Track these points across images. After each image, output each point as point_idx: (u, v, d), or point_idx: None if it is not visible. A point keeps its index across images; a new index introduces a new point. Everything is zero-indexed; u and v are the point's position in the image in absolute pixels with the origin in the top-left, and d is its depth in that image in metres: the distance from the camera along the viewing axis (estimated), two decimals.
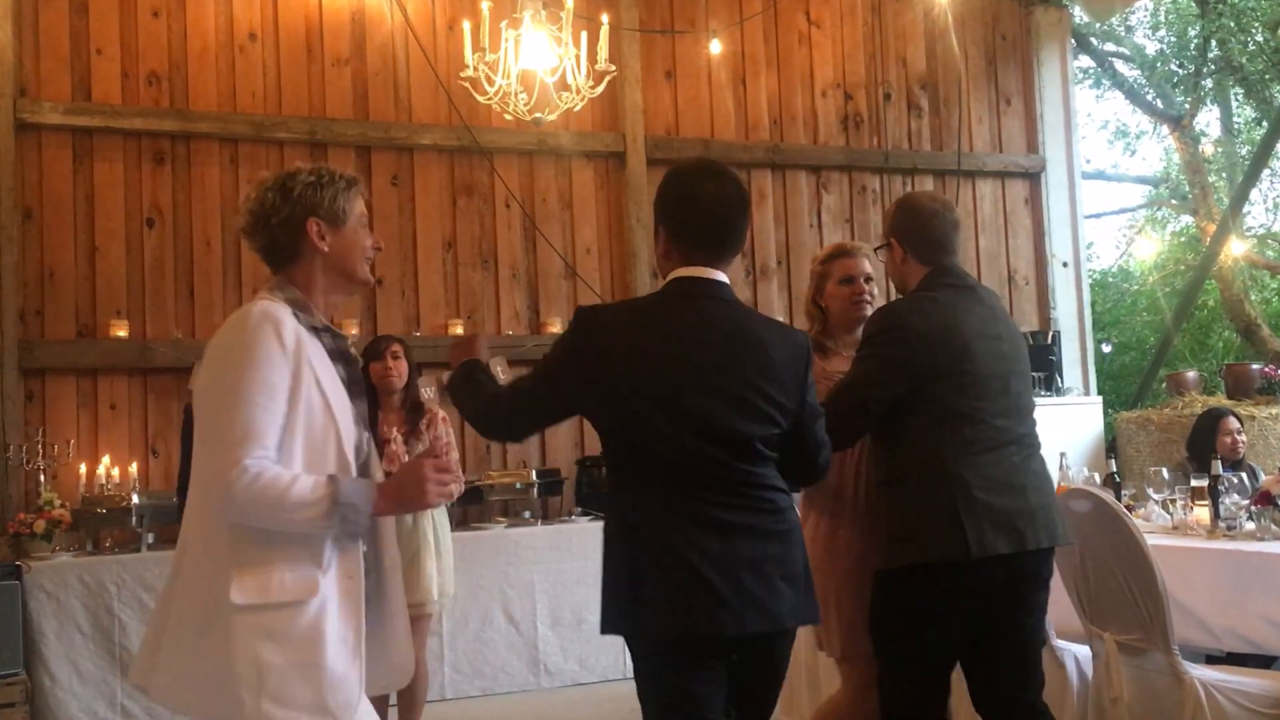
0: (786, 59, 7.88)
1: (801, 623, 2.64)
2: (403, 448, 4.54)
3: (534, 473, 6.62)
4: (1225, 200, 11.58)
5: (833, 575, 3.23)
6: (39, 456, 5.90)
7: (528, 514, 6.65)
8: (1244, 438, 5.70)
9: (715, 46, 7.42)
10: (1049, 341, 7.82)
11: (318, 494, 2.19)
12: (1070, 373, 8.15)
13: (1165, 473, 4.76)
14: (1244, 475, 4.46)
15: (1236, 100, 12.96)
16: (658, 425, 2.52)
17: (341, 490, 2.22)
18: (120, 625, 5.44)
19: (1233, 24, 10.94)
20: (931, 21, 8.10)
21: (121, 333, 6.21)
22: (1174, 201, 14.58)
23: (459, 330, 6.83)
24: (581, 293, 7.19)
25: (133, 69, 6.43)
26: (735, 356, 2.58)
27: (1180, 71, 12.28)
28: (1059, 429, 7.15)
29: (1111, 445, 7.78)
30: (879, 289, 3.54)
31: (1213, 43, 11.35)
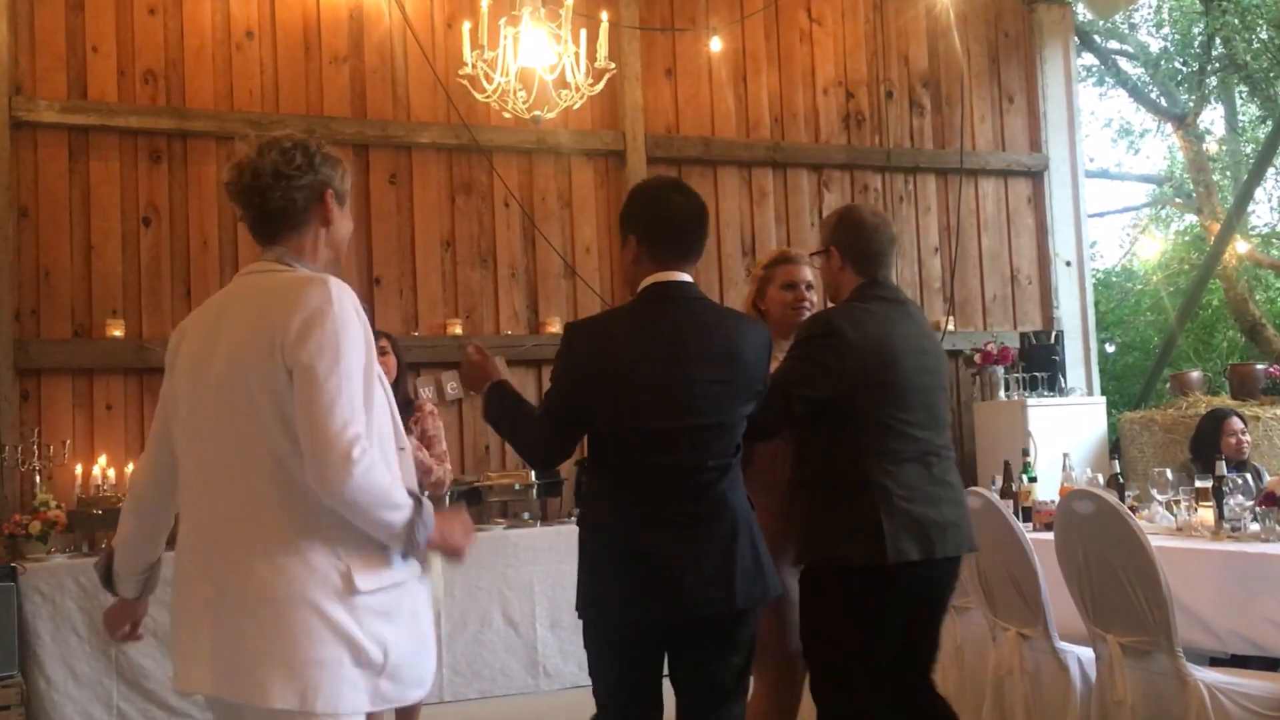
0: (788, 56, 7.84)
1: (754, 604, 2.85)
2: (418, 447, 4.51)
3: (533, 474, 6.58)
4: (1230, 199, 11.54)
5: None
6: (34, 457, 5.87)
7: (527, 515, 6.61)
8: (1248, 438, 5.68)
9: (716, 44, 7.38)
10: (1052, 341, 7.79)
11: (407, 502, 2.18)
12: (1074, 373, 8.11)
13: (1169, 474, 4.74)
14: (1248, 476, 4.45)
15: (1241, 98, 12.94)
16: (645, 424, 2.77)
17: (425, 508, 2.21)
18: None
19: (1237, 21, 10.91)
20: (934, 19, 8.06)
21: (118, 332, 6.18)
22: (1178, 200, 14.54)
23: (458, 330, 6.80)
24: (581, 292, 7.15)
25: (129, 67, 6.39)
26: (713, 350, 2.82)
27: (1184, 69, 12.25)
28: (1062, 429, 7.13)
29: (1115, 446, 7.74)
30: (817, 295, 3.70)
31: (1217, 40, 11.32)
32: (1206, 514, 4.31)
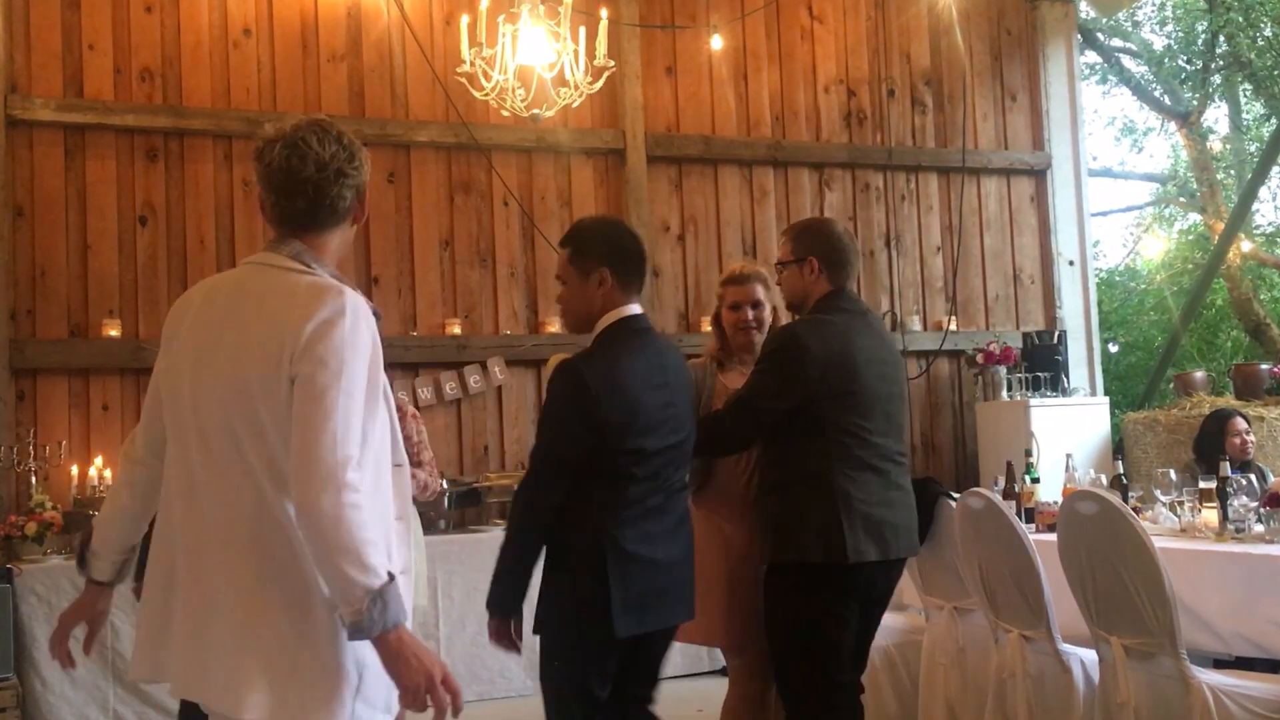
0: (789, 54, 7.81)
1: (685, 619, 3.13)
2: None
3: None
4: (1234, 198, 11.50)
5: (721, 569, 3.55)
6: (30, 458, 5.84)
7: None
8: (1253, 438, 5.66)
9: (716, 42, 7.34)
10: (1055, 341, 7.76)
11: (380, 573, 1.99)
12: (1076, 373, 8.07)
13: (1173, 474, 4.70)
14: (1253, 477, 4.41)
15: (1245, 96, 12.90)
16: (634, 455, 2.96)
17: (394, 592, 2.01)
18: (113, 629, 5.35)
19: (1241, 19, 10.88)
20: (936, 17, 8.02)
21: (114, 332, 6.15)
22: (1182, 199, 14.52)
23: (456, 330, 6.77)
24: None
25: (125, 65, 6.37)
26: (675, 386, 3.09)
27: (1188, 67, 12.22)
28: (1065, 430, 7.10)
29: (1118, 446, 7.70)
30: (770, 310, 3.77)
31: (1221, 38, 11.29)
32: (1210, 515, 4.28)
